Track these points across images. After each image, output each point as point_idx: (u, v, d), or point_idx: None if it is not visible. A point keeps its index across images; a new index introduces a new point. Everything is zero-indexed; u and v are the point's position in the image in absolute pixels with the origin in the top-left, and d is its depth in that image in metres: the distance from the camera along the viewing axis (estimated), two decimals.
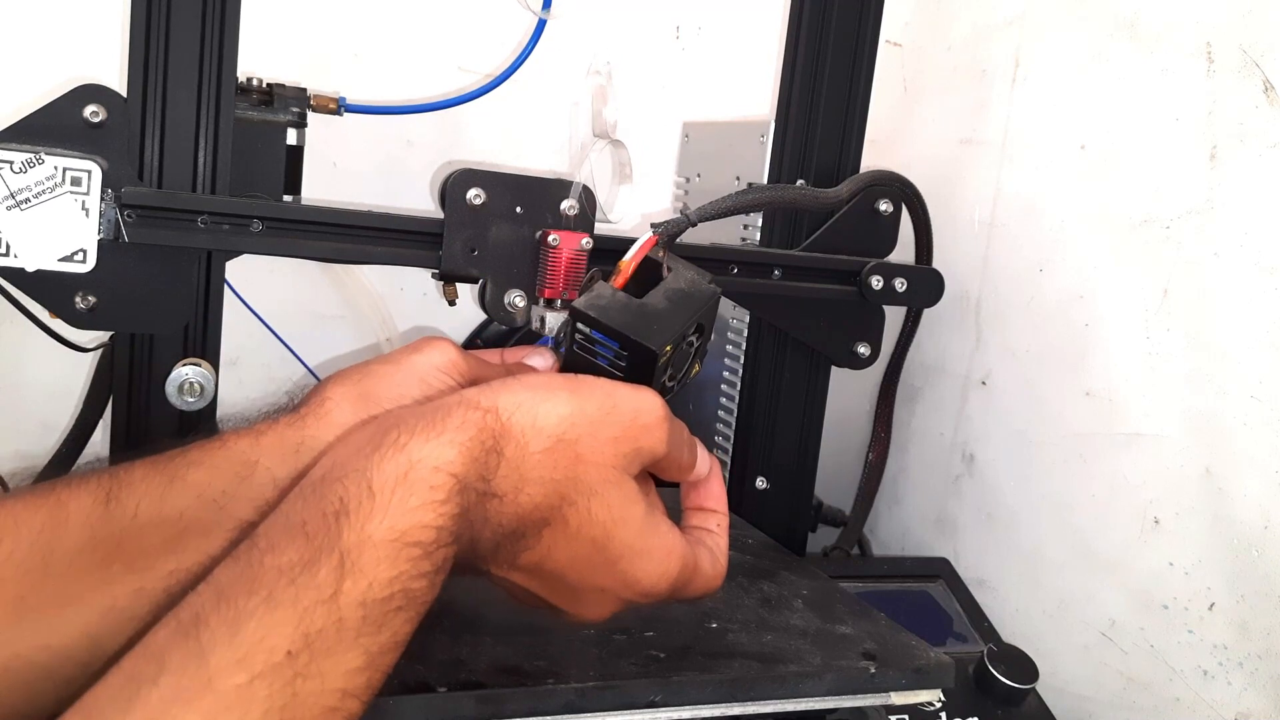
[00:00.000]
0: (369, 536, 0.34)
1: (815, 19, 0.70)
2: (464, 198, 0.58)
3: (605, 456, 0.41)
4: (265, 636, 0.32)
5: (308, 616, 0.33)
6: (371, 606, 0.34)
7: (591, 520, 0.41)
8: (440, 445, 0.37)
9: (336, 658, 0.33)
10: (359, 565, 0.34)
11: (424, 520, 0.36)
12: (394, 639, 0.35)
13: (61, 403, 0.78)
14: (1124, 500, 0.68)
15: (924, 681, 0.50)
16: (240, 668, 0.31)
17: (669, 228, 0.51)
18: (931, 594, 0.75)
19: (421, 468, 0.36)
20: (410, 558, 0.35)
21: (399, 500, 0.35)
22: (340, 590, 0.33)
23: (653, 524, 0.43)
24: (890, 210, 0.72)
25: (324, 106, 0.65)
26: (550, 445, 0.40)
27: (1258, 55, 0.61)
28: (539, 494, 0.40)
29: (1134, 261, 0.69)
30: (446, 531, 0.36)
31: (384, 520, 0.35)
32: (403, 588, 0.35)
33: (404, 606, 0.35)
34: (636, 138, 0.73)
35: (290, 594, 0.33)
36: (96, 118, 0.54)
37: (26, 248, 0.53)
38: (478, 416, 0.39)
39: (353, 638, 0.33)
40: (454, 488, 0.37)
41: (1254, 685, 0.59)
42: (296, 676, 0.32)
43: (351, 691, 0.33)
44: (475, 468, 0.38)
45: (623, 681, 0.45)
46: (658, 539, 0.43)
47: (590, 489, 0.41)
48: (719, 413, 0.79)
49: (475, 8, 0.86)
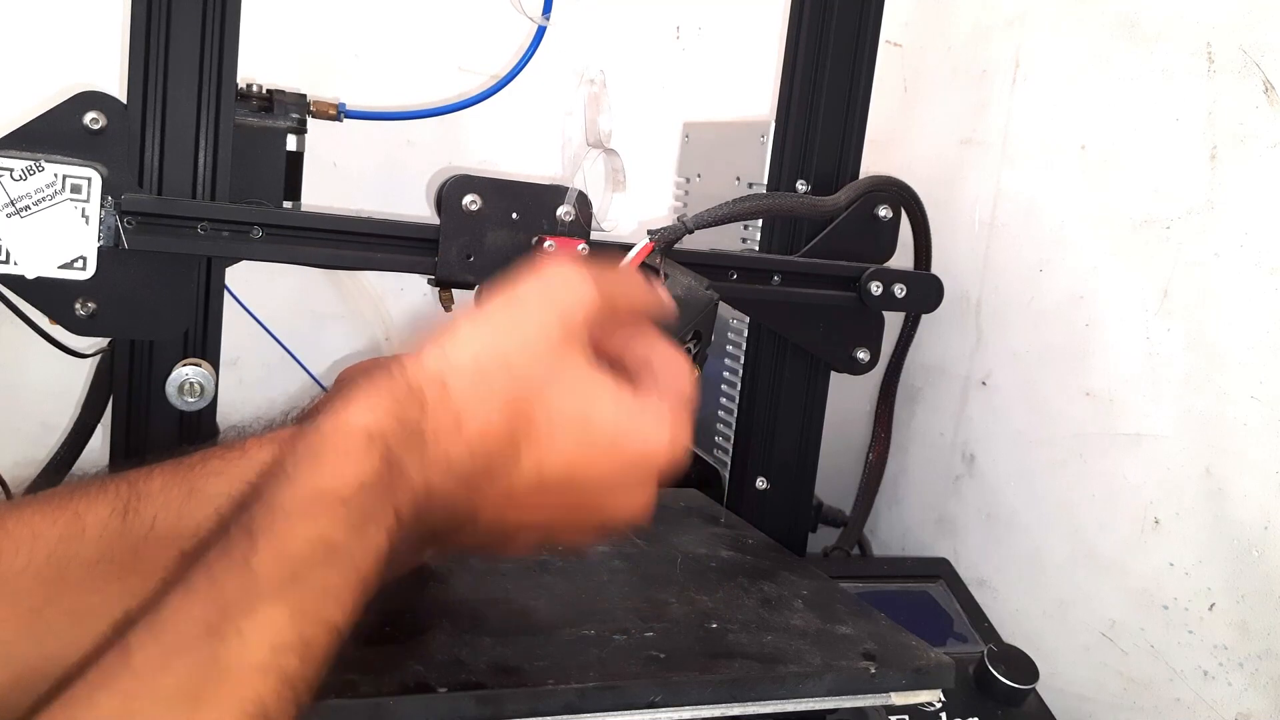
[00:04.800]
0: (281, 503, 0.35)
1: (815, 19, 0.70)
2: (460, 204, 0.58)
3: (537, 347, 0.40)
4: (180, 615, 0.32)
5: (219, 585, 0.33)
6: (289, 562, 0.34)
7: (560, 410, 0.40)
8: (349, 412, 0.37)
9: (258, 616, 0.32)
10: (271, 530, 0.34)
11: (341, 472, 0.36)
12: (322, 590, 0.34)
13: (61, 404, 0.78)
14: (1124, 500, 0.68)
15: (924, 682, 0.50)
16: (155, 644, 0.32)
17: (665, 234, 0.52)
18: (932, 594, 0.75)
19: (332, 435, 0.37)
20: (328, 508, 0.35)
21: (308, 465, 0.36)
22: (254, 552, 0.33)
23: (626, 389, 0.42)
24: (889, 215, 0.72)
25: (324, 112, 0.65)
26: (472, 367, 0.39)
27: (1258, 55, 0.61)
28: (486, 415, 0.39)
29: (1134, 261, 0.69)
30: (370, 481, 0.36)
31: (296, 484, 0.35)
32: (323, 541, 0.34)
33: (329, 559, 0.35)
34: (636, 138, 0.73)
35: (203, 573, 0.33)
36: (96, 125, 0.54)
37: (27, 254, 0.53)
38: (385, 380, 0.38)
39: (272, 595, 0.33)
40: (367, 438, 0.36)
41: (1254, 685, 0.59)
42: (215, 642, 0.32)
43: (282, 646, 0.33)
44: (390, 419, 0.37)
45: (623, 681, 0.45)
46: (640, 399, 0.42)
47: (540, 383, 0.40)
48: (719, 413, 0.79)
49: (477, 9, 0.86)
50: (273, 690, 0.32)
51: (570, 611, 0.51)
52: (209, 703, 0.31)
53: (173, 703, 0.31)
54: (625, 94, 0.72)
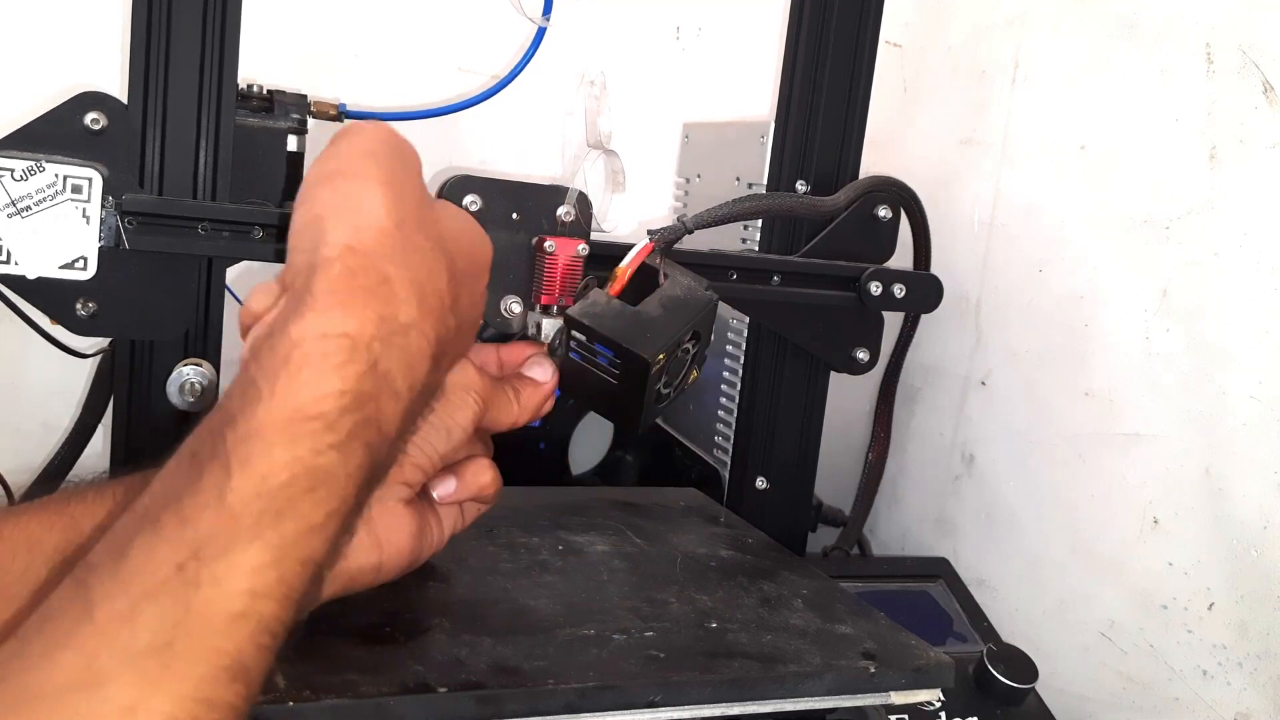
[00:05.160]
0: (254, 428, 0.31)
1: (815, 19, 0.70)
2: (460, 203, 0.58)
3: (415, 191, 0.40)
4: (148, 558, 0.29)
5: (191, 525, 0.30)
6: (269, 497, 0.31)
7: (454, 239, 0.42)
8: (320, 314, 0.34)
9: (234, 559, 0.30)
10: (248, 458, 0.31)
11: (322, 390, 0.32)
12: (306, 524, 0.31)
13: (62, 403, 0.78)
14: (1124, 500, 0.68)
15: (924, 681, 0.50)
16: (121, 593, 0.29)
17: (665, 234, 0.52)
18: (931, 594, 0.75)
19: (306, 342, 0.33)
20: (310, 432, 0.32)
21: (285, 381, 0.32)
22: (228, 488, 0.30)
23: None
24: (889, 216, 0.72)
25: (324, 113, 0.66)
26: (397, 230, 0.37)
27: (1258, 55, 0.61)
28: (438, 272, 0.38)
29: (1134, 261, 0.69)
30: (353, 394, 0.33)
31: (272, 405, 0.32)
32: (306, 467, 0.31)
33: (313, 488, 0.32)
34: (636, 138, 0.74)
35: (173, 511, 0.30)
36: (97, 125, 0.55)
37: (28, 255, 0.54)
38: (338, 266, 0.35)
39: (251, 534, 0.30)
40: (350, 346, 0.33)
41: (1253, 685, 0.59)
42: (187, 588, 0.29)
43: (261, 591, 0.30)
44: (372, 312, 0.34)
45: (623, 681, 0.45)
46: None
47: (440, 226, 0.41)
48: (719, 413, 0.79)
49: (477, 9, 0.86)
50: (250, 639, 0.30)
51: (570, 611, 0.51)
52: (182, 656, 0.28)
53: (142, 658, 0.28)
54: (625, 94, 0.72)
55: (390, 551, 0.46)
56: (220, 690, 0.29)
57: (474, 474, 0.50)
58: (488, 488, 0.50)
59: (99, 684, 0.27)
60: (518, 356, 0.54)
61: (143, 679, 0.28)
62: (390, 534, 0.45)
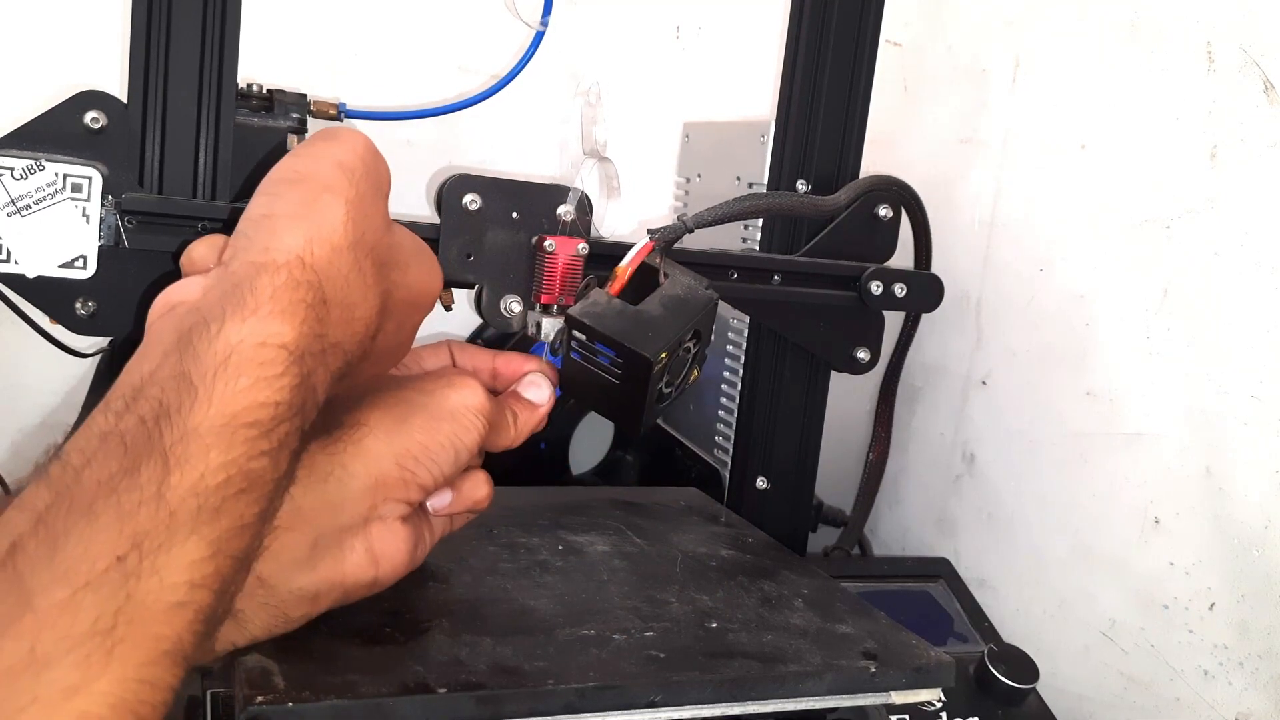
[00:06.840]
0: (194, 428, 0.33)
1: (815, 19, 0.70)
2: (460, 203, 0.58)
3: (377, 214, 0.42)
4: (87, 548, 0.30)
5: (132, 519, 0.31)
6: (206, 495, 0.32)
7: (395, 260, 0.43)
8: (261, 320, 0.35)
9: (173, 552, 0.31)
10: (186, 458, 0.32)
11: (258, 399, 0.34)
12: (239, 522, 0.33)
13: (62, 403, 0.78)
14: (1124, 500, 0.68)
15: (924, 681, 0.50)
16: (61, 583, 0.29)
17: (665, 234, 0.52)
18: (932, 594, 0.75)
19: (245, 347, 0.35)
20: (246, 439, 0.34)
21: (223, 386, 0.34)
22: (166, 485, 0.32)
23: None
24: (890, 215, 0.72)
25: (324, 112, 0.65)
26: (349, 251, 0.39)
27: (1258, 55, 0.61)
28: (371, 300, 0.40)
29: (1134, 261, 0.69)
30: (286, 405, 0.35)
31: (210, 409, 0.33)
32: (240, 470, 0.33)
33: (246, 489, 0.33)
34: (637, 138, 0.73)
35: (111, 502, 0.31)
36: (97, 124, 0.54)
37: (27, 254, 0.53)
38: (285, 275, 0.37)
39: (188, 530, 0.32)
40: (288, 359, 0.35)
41: (1254, 685, 0.59)
42: (128, 578, 0.30)
43: (199, 582, 0.32)
44: (309, 328, 0.36)
45: (623, 681, 0.45)
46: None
47: (386, 247, 0.42)
48: (719, 413, 0.79)
49: (477, 9, 0.86)
50: (188, 627, 0.31)
51: (570, 611, 0.50)
52: (124, 641, 0.29)
53: (85, 642, 0.29)
54: (625, 94, 0.72)
55: (386, 568, 0.46)
56: (160, 672, 0.30)
57: (471, 487, 0.50)
58: (483, 501, 0.51)
59: (43, 667, 0.28)
60: (513, 370, 0.54)
61: (86, 661, 0.29)
62: (387, 550, 0.46)
